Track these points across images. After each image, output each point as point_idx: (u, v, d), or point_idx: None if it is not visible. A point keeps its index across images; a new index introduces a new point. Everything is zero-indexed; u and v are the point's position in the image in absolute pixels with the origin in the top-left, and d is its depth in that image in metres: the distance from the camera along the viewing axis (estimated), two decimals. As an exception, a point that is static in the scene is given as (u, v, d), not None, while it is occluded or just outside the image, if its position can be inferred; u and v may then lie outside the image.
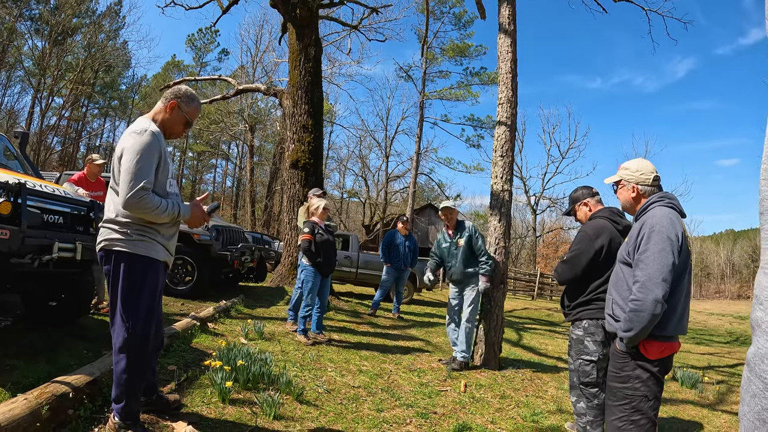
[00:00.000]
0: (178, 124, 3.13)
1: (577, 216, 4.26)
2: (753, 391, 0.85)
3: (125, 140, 2.84)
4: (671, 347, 2.84)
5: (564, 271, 3.92)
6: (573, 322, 3.96)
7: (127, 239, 2.84)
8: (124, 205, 2.76)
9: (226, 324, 6.48)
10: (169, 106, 3.06)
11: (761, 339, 0.84)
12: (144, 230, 2.88)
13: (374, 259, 13.50)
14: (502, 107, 6.90)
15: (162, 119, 3.08)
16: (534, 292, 26.79)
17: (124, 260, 2.84)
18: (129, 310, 2.85)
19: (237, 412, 3.60)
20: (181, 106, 3.08)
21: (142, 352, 2.92)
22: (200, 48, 45.72)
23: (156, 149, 2.84)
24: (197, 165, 51.03)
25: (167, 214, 2.86)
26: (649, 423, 2.79)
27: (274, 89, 12.91)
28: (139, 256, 2.85)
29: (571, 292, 3.99)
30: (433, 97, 35.98)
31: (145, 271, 2.89)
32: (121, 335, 2.85)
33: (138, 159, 2.76)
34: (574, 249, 3.88)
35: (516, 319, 13.47)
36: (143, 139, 2.80)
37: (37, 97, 31.85)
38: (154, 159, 2.83)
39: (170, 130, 3.13)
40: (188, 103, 3.11)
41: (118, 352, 2.86)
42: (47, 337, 4.72)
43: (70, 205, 4.59)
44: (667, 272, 2.63)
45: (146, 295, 2.91)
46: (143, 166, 2.77)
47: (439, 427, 4.06)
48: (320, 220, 6.63)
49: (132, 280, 2.86)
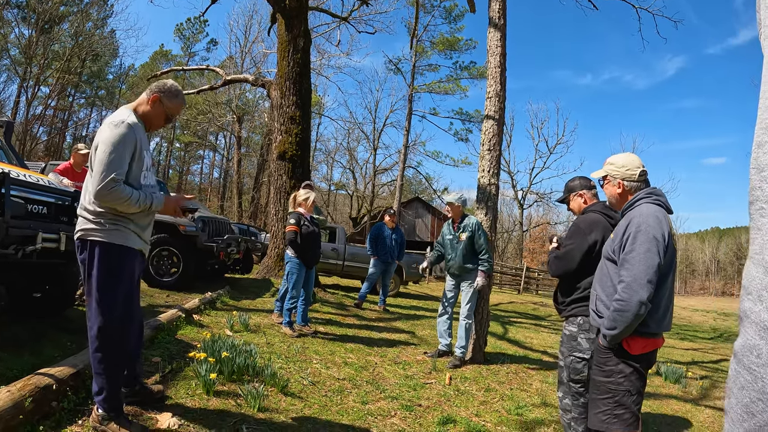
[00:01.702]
0: (159, 117, 3.13)
1: (570, 206, 4.19)
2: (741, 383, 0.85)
3: (102, 131, 2.85)
4: (654, 343, 2.85)
5: (558, 266, 3.88)
6: (567, 318, 3.95)
7: (101, 228, 2.84)
8: (96, 196, 2.78)
9: (211, 316, 6.46)
10: (151, 100, 3.06)
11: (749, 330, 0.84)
12: (117, 219, 2.89)
13: (361, 251, 13.49)
14: (490, 101, 6.90)
15: (143, 111, 3.07)
16: (520, 286, 26.90)
17: (99, 249, 2.85)
18: (105, 299, 2.85)
19: (221, 404, 3.60)
20: (163, 100, 3.07)
21: (118, 342, 2.92)
22: (189, 38, 45.29)
23: (131, 141, 2.84)
24: (184, 156, 50.69)
25: (138, 204, 2.87)
26: (632, 417, 2.81)
27: (263, 80, 12.84)
28: (114, 245, 2.86)
29: (564, 287, 3.96)
30: (422, 90, 36.05)
31: (120, 259, 2.90)
32: (96, 324, 2.86)
33: (111, 150, 2.77)
34: (567, 244, 3.83)
35: (502, 313, 13.53)
36: (119, 131, 2.81)
37: (23, 86, 31.41)
38: (127, 151, 2.84)
39: (150, 122, 3.13)
40: (171, 98, 3.10)
41: (95, 341, 2.87)
42: (31, 328, 4.68)
43: (54, 196, 4.55)
44: (653, 274, 2.64)
45: (122, 284, 2.92)
46: (115, 158, 2.78)
47: (424, 419, 4.08)
48: (306, 212, 6.62)
49: (107, 269, 2.86)
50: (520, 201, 41.55)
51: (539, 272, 30.56)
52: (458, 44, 35.63)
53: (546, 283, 29.58)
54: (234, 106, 34.51)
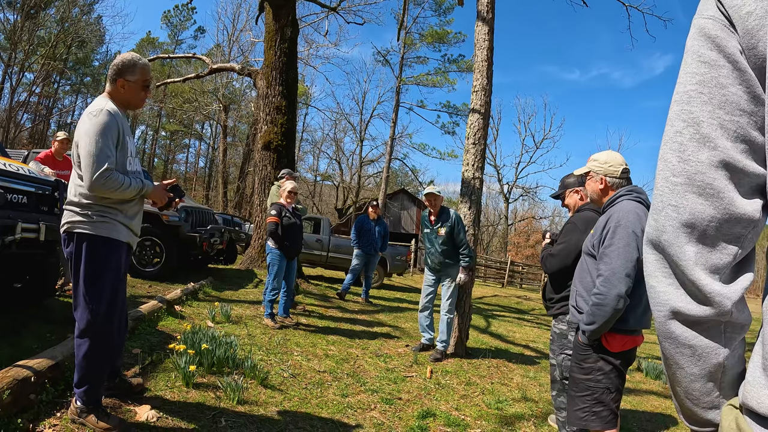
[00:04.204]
0: (136, 94, 3.05)
1: (565, 202, 4.18)
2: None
3: (82, 124, 2.79)
4: (634, 340, 2.88)
5: (552, 263, 3.88)
6: (555, 316, 3.97)
7: (88, 221, 2.80)
8: (90, 188, 2.73)
9: (193, 307, 6.43)
10: (119, 85, 2.98)
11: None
12: (105, 211, 2.85)
13: (345, 243, 13.48)
14: (476, 95, 6.90)
15: (119, 98, 3.01)
16: (504, 280, 27.02)
17: (86, 242, 2.81)
18: (92, 292, 2.81)
19: (200, 396, 3.59)
20: (128, 79, 2.98)
21: (106, 335, 2.89)
22: (176, 25, 44.80)
23: (113, 128, 2.80)
24: (170, 144, 50.18)
25: (132, 189, 2.86)
26: (610, 414, 2.83)
27: (249, 69, 12.74)
28: (101, 238, 2.82)
29: (556, 284, 3.99)
30: (410, 82, 35.92)
31: (107, 252, 2.85)
32: (84, 318, 2.81)
33: (97, 141, 2.73)
34: (563, 241, 3.84)
35: (485, 306, 13.59)
36: (100, 120, 2.76)
37: (7, 73, 30.83)
38: (112, 138, 2.80)
39: (133, 102, 3.08)
40: (132, 72, 2.98)
41: (82, 335, 2.83)
42: (11, 319, 4.62)
43: (34, 185, 4.48)
44: (631, 268, 2.67)
45: (109, 277, 2.88)
46: (103, 147, 2.74)
47: (404, 413, 4.09)
48: (288, 203, 6.60)
49: (95, 262, 2.82)
50: (505, 195, 41.69)
51: (524, 266, 30.72)
52: (447, 37, 35.54)
53: (530, 277, 29.74)
54: (220, 95, 34.21)
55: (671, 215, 0.81)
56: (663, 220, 0.83)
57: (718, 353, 0.83)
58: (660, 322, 0.87)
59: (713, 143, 0.78)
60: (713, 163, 0.78)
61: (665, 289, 0.85)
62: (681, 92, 0.84)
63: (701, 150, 0.79)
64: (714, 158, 0.78)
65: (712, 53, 0.80)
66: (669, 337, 0.86)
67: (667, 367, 0.91)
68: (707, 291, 0.79)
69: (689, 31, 0.86)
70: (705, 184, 0.78)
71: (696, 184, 0.79)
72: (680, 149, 0.81)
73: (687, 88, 0.82)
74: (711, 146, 0.78)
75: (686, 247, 0.80)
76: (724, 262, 0.80)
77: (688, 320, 0.83)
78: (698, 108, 0.80)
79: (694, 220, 0.79)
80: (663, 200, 0.83)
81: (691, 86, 0.82)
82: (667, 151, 0.84)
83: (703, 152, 0.79)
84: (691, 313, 0.81)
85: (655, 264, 0.86)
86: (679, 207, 0.80)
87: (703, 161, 0.78)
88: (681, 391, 0.90)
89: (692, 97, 0.81)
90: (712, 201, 0.78)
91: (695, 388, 0.87)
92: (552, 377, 4.01)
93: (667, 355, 0.88)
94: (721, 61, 0.79)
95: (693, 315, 0.82)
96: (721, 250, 0.80)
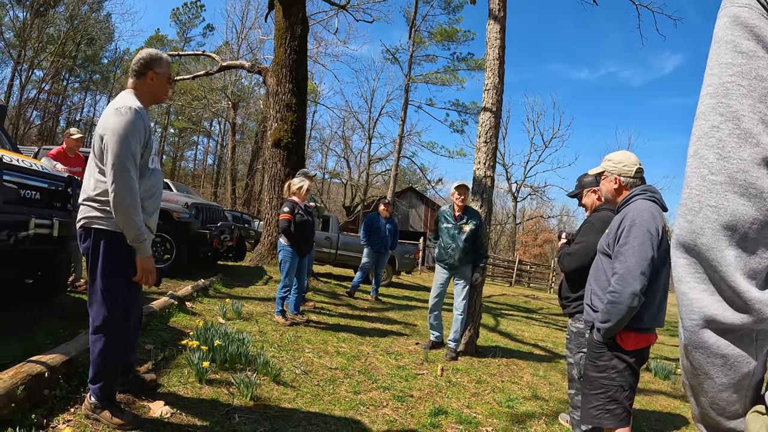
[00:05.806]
0: (162, 87, 3.07)
1: (582, 201, 4.19)
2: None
3: (108, 119, 2.75)
4: (647, 339, 2.88)
5: (570, 262, 3.88)
6: (572, 315, 3.96)
7: (107, 217, 2.77)
8: (115, 189, 2.68)
9: (204, 303, 6.44)
10: (149, 78, 2.99)
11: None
12: None
13: (354, 240, 13.48)
14: (488, 93, 6.88)
15: (147, 91, 3.02)
16: (512, 279, 26.97)
17: (104, 238, 2.79)
18: (109, 289, 2.80)
19: (214, 393, 3.60)
20: (156, 71, 3.00)
21: (121, 332, 2.89)
22: (185, 23, 44.97)
23: (140, 127, 2.78)
24: (179, 142, 50.36)
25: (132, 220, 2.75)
26: (624, 412, 2.83)
27: (259, 67, 12.75)
28: (119, 234, 2.79)
29: (572, 283, 3.98)
30: (419, 80, 35.86)
31: (125, 249, 2.83)
32: (101, 315, 2.80)
33: (124, 140, 2.69)
34: (580, 241, 3.84)
35: (494, 305, 13.57)
36: (128, 119, 2.73)
37: (17, 70, 31.00)
38: (140, 139, 2.78)
39: (160, 95, 3.10)
40: (159, 65, 3.02)
41: (97, 331, 2.82)
42: (23, 315, 4.65)
43: (47, 181, 4.50)
44: (646, 266, 2.67)
45: (126, 273, 2.86)
46: (132, 146, 2.72)
47: (415, 410, 4.09)
48: (300, 200, 6.60)
49: (112, 259, 2.81)
50: (514, 194, 41.53)
51: (531, 265, 30.68)
52: (456, 35, 35.46)
53: (538, 276, 29.70)
54: (229, 92, 34.23)
55: (711, 217, 0.77)
56: (701, 222, 0.78)
57: (749, 362, 0.81)
58: (691, 331, 0.83)
59: (755, 139, 0.74)
60: (756, 161, 0.74)
61: (699, 295, 0.81)
62: (716, 84, 0.80)
63: (743, 146, 0.75)
64: (757, 155, 0.74)
65: (750, 43, 0.77)
66: (701, 346, 0.82)
67: (692, 377, 0.87)
68: (747, 298, 0.76)
69: (718, 20, 0.83)
70: (747, 183, 0.74)
71: (738, 183, 0.75)
72: (719, 145, 0.77)
73: (723, 80, 0.79)
74: (753, 142, 0.74)
75: (726, 251, 0.76)
76: (762, 266, 0.77)
77: (722, 328, 0.80)
78: (737, 101, 0.76)
79: (736, 222, 0.75)
80: (700, 200, 0.79)
81: (728, 78, 0.78)
82: (702, 147, 0.79)
83: (745, 149, 0.75)
84: (728, 321, 0.78)
85: (686, 269, 0.83)
86: (720, 208, 0.76)
87: (745, 159, 0.75)
88: (706, 401, 0.87)
89: (729, 89, 0.77)
90: (754, 202, 0.74)
91: (722, 398, 0.84)
92: (570, 376, 4.00)
93: (696, 365, 0.85)
94: (760, 51, 0.76)
95: (729, 323, 0.78)
96: (761, 254, 0.76)
